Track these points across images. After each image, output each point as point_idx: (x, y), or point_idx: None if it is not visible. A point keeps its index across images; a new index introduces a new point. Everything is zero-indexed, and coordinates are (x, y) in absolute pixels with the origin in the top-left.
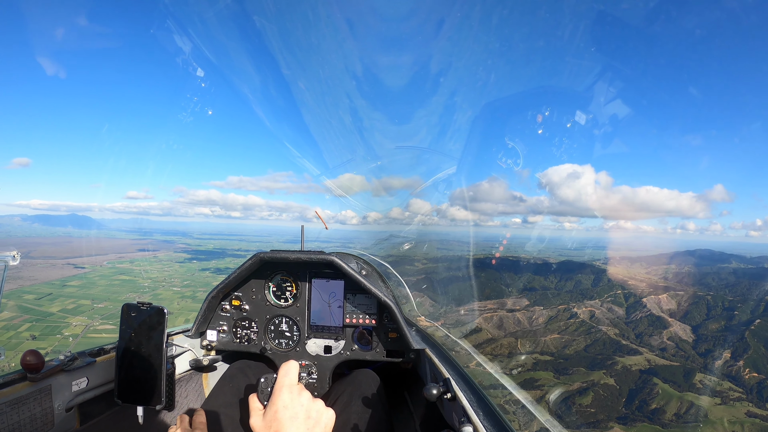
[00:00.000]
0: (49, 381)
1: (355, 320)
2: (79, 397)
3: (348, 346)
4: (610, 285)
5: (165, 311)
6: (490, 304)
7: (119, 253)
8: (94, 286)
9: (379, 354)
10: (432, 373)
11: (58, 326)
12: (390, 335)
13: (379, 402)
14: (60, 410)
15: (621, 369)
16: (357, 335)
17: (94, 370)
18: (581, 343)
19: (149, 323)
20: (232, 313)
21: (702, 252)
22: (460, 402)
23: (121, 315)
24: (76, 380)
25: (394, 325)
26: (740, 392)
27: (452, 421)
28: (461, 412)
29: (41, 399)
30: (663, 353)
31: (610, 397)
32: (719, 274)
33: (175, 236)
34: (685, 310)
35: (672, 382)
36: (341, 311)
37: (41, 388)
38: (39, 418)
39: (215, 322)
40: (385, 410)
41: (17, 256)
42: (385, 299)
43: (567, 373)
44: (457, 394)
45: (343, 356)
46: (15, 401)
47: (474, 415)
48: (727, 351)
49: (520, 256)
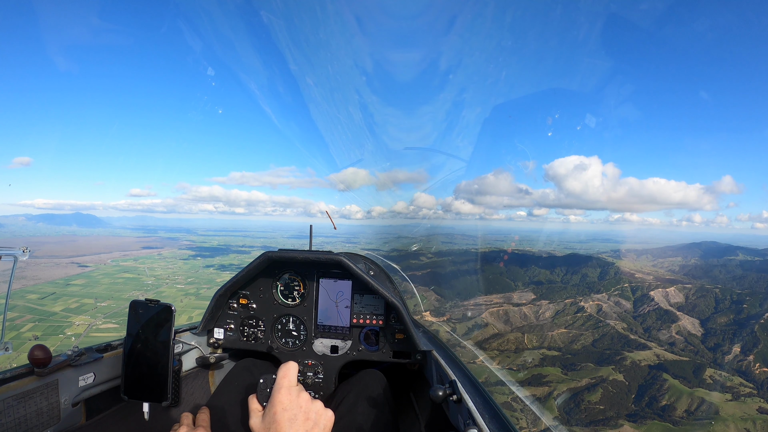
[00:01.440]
0: (56, 376)
1: (363, 321)
2: (85, 392)
3: (355, 346)
4: (617, 278)
5: (173, 308)
6: (496, 298)
7: (123, 251)
8: (97, 284)
9: (386, 355)
10: (438, 374)
11: (61, 326)
12: (397, 336)
13: (385, 403)
14: (66, 405)
15: (630, 364)
16: (364, 336)
17: (101, 365)
18: (589, 338)
19: (157, 320)
20: (240, 311)
21: (708, 244)
22: (466, 404)
23: (128, 311)
24: (83, 375)
25: (402, 326)
26: (751, 387)
27: (458, 423)
28: (467, 415)
29: (48, 393)
30: (672, 348)
31: (619, 393)
32: (726, 267)
33: (180, 233)
34: (693, 303)
35: (682, 378)
36: (348, 311)
37: (48, 382)
38: (45, 413)
39: (222, 320)
40: (391, 411)
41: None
42: (392, 300)
43: (575, 368)
44: (462, 396)
45: (349, 356)
46: (22, 395)
47: (479, 417)
48: (737, 345)
49: (526, 249)
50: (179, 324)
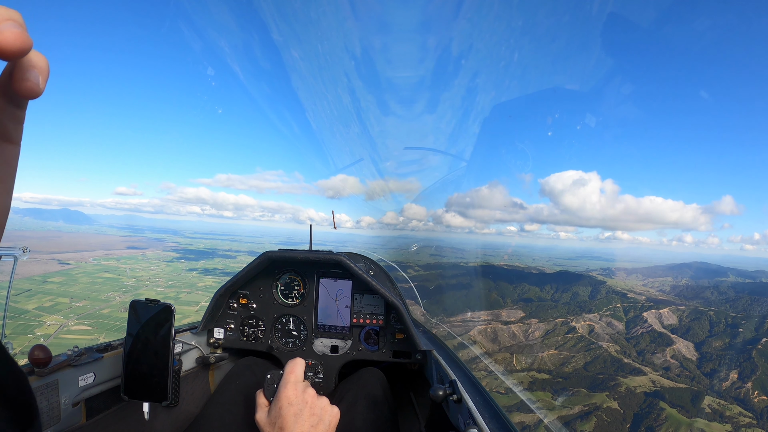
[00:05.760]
0: (56, 376)
1: (363, 320)
2: (85, 392)
3: (355, 346)
4: (609, 297)
5: (173, 308)
6: (484, 315)
7: (107, 250)
8: (75, 283)
9: (386, 354)
10: (438, 374)
11: (31, 325)
12: (397, 336)
13: (384, 402)
14: (66, 405)
15: (625, 391)
16: (364, 335)
17: (101, 365)
18: (580, 360)
19: (156, 320)
20: (240, 311)
21: (698, 265)
22: (466, 404)
23: (128, 311)
24: (83, 375)
25: (402, 325)
26: (750, 417)
27: (458, 422)
28: (467, 414)
29: (48, 393)
30: (667, 373)
31: (614, 422)
32: (718, 288)
33: (167, 234)
34: (687, 326)
35: (679, 407)
36: (349, 311)
37: (48, 382)
38: (45, 413)
39: (222, 320)
40: (391, 410)
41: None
42: (392, 300)
43: (566, 394)
44: (463, 396)
45: (349, 356)
46: None
47: (479, 417)
48: (734, 371)
49: (515, 265)
50: (179, 324)
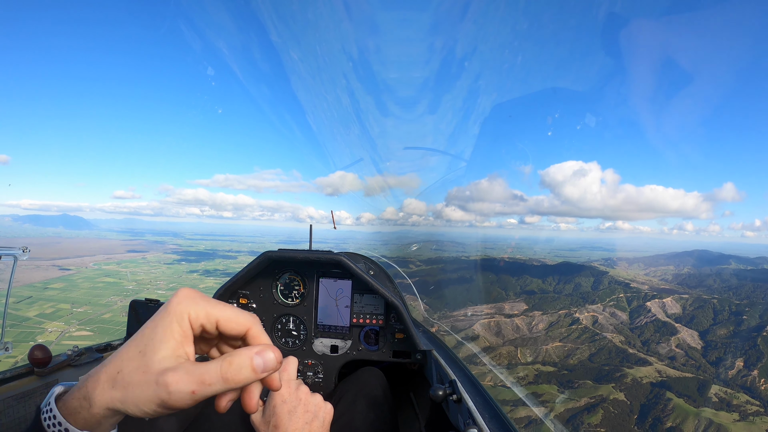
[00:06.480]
0: (56, 376)
1: (362, 320)
2: None
3: (355, 346)
4: (612, 288)
5: None
6: (487, 309)
7: (108, 254)
8: (76, 288)
9: (386, 354)
10: (438, 374)
11: (33, 332)
12: (397, 336)
13: (384, 402)
14: None
15: (631, 382)
16: (364, 335)
17: None
18: (585, 352)
19: None
20: None
21: (700, 252)
22: (466, 404)
23: (128, 312)
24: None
25: (402, 325)
26: (758, 405)
27: (457, 422)
28: (467, 414)
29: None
30: (672, 362)
31: (621, 414)
32: (720, 276)
33: (167, 236)
34: (690, 314)
35: (686, 396)
36: (348, 311)
37: (48, 382)
38: None
39: None
40: (391, 410)
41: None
42: (392, 300)
43: (572, 386)
44: (462, 395)
45: (349, 356)
46: (22, 395)
47: (479, 417)
48: (740, 359)
49: (517, 257)
50: None
